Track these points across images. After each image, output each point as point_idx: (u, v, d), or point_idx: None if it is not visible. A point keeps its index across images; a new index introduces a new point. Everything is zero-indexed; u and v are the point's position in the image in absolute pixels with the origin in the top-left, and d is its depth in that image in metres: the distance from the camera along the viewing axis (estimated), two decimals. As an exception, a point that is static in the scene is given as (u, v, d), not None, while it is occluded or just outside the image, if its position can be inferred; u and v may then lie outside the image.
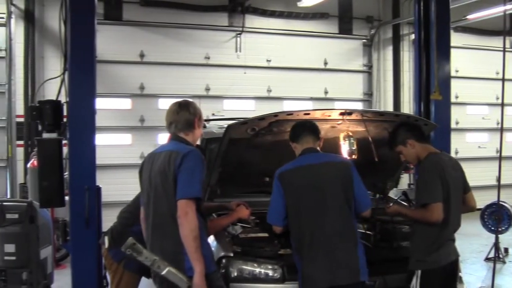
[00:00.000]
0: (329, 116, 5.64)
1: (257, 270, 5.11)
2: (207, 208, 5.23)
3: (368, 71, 16.59)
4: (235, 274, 5.07)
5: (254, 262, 5.14)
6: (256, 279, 5.09)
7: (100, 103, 6.70)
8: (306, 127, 5.05)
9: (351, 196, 4.70)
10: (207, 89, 14.53)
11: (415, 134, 5.27)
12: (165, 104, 14.08)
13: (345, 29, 16.26)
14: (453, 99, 8.66)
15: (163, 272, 4.14)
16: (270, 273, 5.11)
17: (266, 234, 5.64)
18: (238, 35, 14.99)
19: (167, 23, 14.41)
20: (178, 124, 4.60)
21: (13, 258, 7.71)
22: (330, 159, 4.92)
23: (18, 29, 13.25)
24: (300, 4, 14.39)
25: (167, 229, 4.32)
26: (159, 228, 4.40)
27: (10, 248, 7.70)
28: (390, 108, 16.09)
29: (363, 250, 4.70)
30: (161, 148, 4.68)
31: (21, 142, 13.19)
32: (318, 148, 4.98)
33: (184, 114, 4.61)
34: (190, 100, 4.83)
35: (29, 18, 13.32)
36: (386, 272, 5.13)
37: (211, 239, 5.12)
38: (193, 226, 4.15)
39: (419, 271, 4.88)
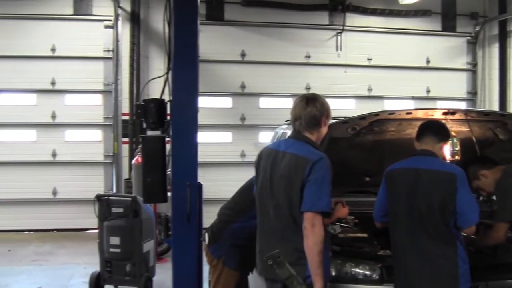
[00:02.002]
0: (432, 115, 5.52)
1: (356, 270, 5.04)
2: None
3: (472, 69, 16.02)
4: (333, 274, 5.03)
5: (353, 262, 5.06)
6: (354, 279, 5.01)
7: (202, 102, 6.80)
8: (429, 127, 4.83)
9: (450, 208, 4.43)
10: (308, 88, 14.50)
11: (483, 164, 5.18)
12: (265, 103, 14.31)
13: (448, 26, 15.78)
14: None
15: None
16: (369, 273, 5.02)
17: (365, 235, 5.57)
18: (339, 34, 14.90)
19: (267, 22, 14.52)
20: (303, 121, 4.36)
21: (118, 250, 8.00)
22: (436, 166, 4.62)
23: (124, 31, 13.75)
24: (401, 2, 14.17)
25: (287, 233, 4.23)
26: (279, 229, 4.30)
27: (115, 240, 7.99)
28: (495, 107, 15.50)
29: (464, 256, 4.51)
30: (284, 146, 4.46)
31: (127, 139, 13.68)
32: (439, 150, 4.77)
33: (311, 110, 4.34)
34: (318, 94, 4.59)
35: (135, 20, 13.80)
36: (489, 278, 4.95)
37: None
38: (318, 240, 4.05)
39: None
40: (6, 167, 13.52)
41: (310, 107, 4.36)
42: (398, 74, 15.28)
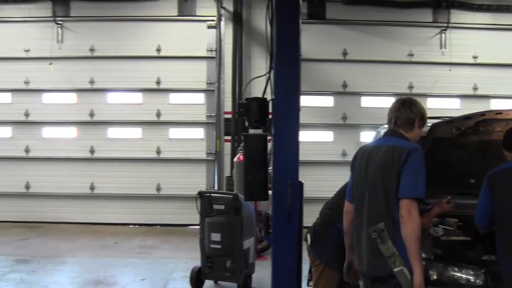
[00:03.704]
0: (542, 115, 5.31)
1: (458, 274, 4.91)
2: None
3: None
4: (435, 277, 4.91)
5: (455, 266, 4.93)
6: (456, 284, 4.87)
7: (304, 101, 6.82)
8: None
9: None
10: (411, 87, 14.24)
11: None
12: (367, 102, 14.19)
13: (562, 21, 15.01)
14: None
15: (396, 269, 4.08)
16: (472, 279, 4.87)
17: (469, 238, 5.41)
18: (443, 31, 14.53)
19: (370, 20, 14.37)
20: (398, 121, 4.52)
21: (219, 246, 8.16)
22: None
23: (227, 31, 14.01)
24: (510, -4, 13.64)
25: (376, 221, 4.24)
26: (370, 219, 4.33)
27: (216, 237, 8.16)
28: None
29: None
30: (379, 142, 4.65)
31: (229, 137, 13.93)
32: None
33: (405, 112, 4.52)
34: (414, 98, 4.70)
35: (237, 20, 14.01)
36: None
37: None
38: (416, 227, 4.09)
39: None
40: (114, 163, 14.11)
41: (405, 108, 4.53)
42: (505, 72, 14.65)
